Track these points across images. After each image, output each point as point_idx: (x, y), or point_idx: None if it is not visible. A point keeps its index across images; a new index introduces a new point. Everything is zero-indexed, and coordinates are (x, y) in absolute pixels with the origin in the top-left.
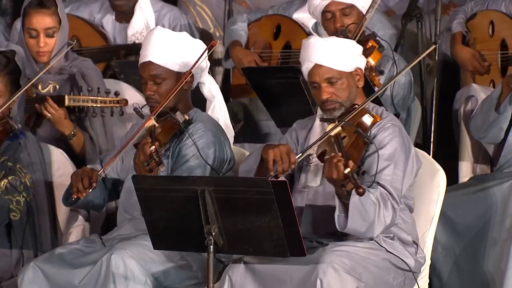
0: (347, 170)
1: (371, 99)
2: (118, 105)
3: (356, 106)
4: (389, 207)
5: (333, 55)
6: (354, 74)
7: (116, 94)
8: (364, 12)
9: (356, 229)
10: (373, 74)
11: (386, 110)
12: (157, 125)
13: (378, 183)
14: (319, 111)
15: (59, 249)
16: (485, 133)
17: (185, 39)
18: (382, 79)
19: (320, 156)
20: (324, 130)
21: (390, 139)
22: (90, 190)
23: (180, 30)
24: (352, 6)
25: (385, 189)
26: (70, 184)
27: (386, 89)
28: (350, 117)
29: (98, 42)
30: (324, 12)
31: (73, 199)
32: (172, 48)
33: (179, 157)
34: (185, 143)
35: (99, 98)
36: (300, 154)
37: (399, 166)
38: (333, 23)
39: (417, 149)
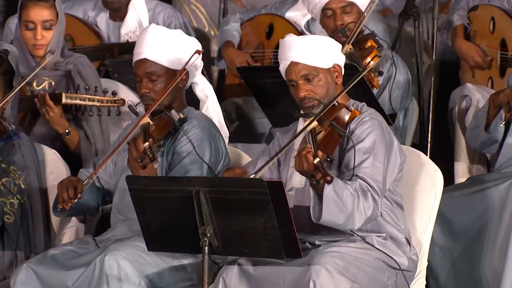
0: (316, 160)
1: (346, 90)
2: (115, 104)
3: (336, 103)
4: (369, 199)
5: (308, 52)
6: (332, 71)
7: (114, 93)
8: (362, 10)
9: (332, 221)
10: (372, 75)
11: (383, 109)
12: (151, 122)
13: (357, 176)
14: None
15: (52, 251)
16: (480, 147)
17: (179, 36)
18: (380, 79)
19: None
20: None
21: (368, 132)
22: (76, 200)
23: (175, 26)
24: (352, 4)
25: (364, 181)
26: (57, 194)
27: (384, 88)
28: (326, 111)
29: (92, 40)
30: (325, 9)
31: (58, 209)
32: (167, 46)
33: (175, 155)
34: (180, 141)
35: (97, 97)
36: (253, 174)
37: (378, 158)
38: (333, 21)
39: (413, 149)
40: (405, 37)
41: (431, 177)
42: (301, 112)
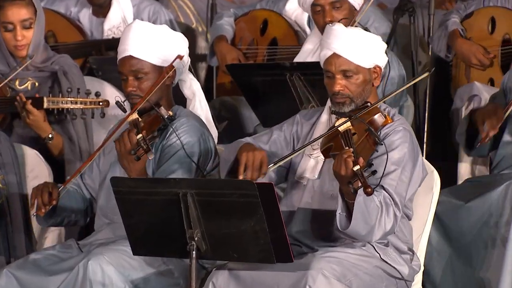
0: (357, 168)
1: (386, 99)
2: (99, 106)
3: (369, 104)
4: (391, 214)
5: (354, 47)
6: (372, 71)
7: (97, 94)
8: (356, 6)
9: (357, 231)
10: None
11: None
12: (140, 118)
13: (383, 187)
14: (328, 104)
15: (33, 255)
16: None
17: (165, 32)
18: None
19: (325, 151)
20: (330, 124)
21: (400, 143)
22: (50, 207)
23: (161, 22)
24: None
25: (389, 194)
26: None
27: (378, 86)
28: (363, 113)
29: (75, 36)
30: (313, 5)
31: (33, 215)
32: (152, 42)
33: (163, 153)
34: (168, 139)
35: (79, 99)
36: (272, 164)
37: (405, 172)
38: (322, 17)
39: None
40: (400, 34)
41: (427, 179)
42: (333, 109)
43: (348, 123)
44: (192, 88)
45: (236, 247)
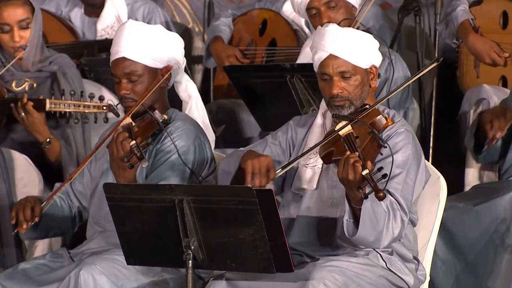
0: (366, 172)
1: (385, 99)
2: (103, 110)
3: (368, 106)
4: (398, 219)
5: (351, 47)
6: (368, 72)
7: (101, 98)
8: (353, 3)
9: (365, 238)
10: None
11: None
12: (134, 123)
13: (388, 191)
14: (321, 108)
15: (23, 264)
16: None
17: (159, 32)
18: (377, 81)
19: (326, 157)
20: (325, 131)
21: (402, 145)
22: (32, 223)
23: (155, 22)
24: None
25: (395, 198)
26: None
27: (382, 89)
28: (363, 116)
29: (66, 37)
30: (308, 9)
31: (13, 233)
32: (146, 42)
33: (156, 158)
34: (163, 143)
35: (83, 103)
36: (280, 169)
37: (410, 175)
38: (318, 20)
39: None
40: (405, 34)
41: (433, 185)
42: (332, 112)
43: (349, 127)
44: (188, 90)
45: (234, 256)
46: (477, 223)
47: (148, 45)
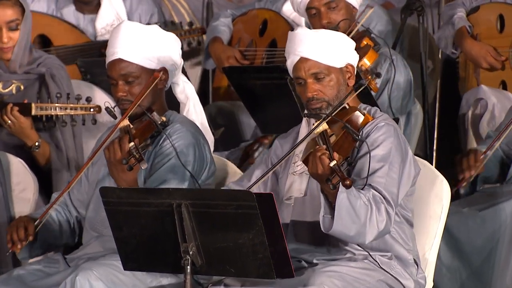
0: (333, 163)
1: (358, 92)
2: (90, 112)
3: (346, 105)
4: (383, 211)
5: (321, 48)
6: (344, 71)
7: (88, 100)
8: (354, 3)
9: (344, 232)
10: (369, 77)
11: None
12: (131, 125)
13: (371, 186)
14: (305, 118)
15: (18, 270)
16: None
17: (155, 32)
18: (378, 82)
19: (306, 161)
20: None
21: (383, 138)
22: (26, 242)
23: (157, 19)
24: None
25: (378, 192)
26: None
27: (383, 91)
28: (337, 112)
29: (77, 39)
30: (308, 8)
31: (7, 253)
32: (142, 43)
33: (155, 161)
34: (161, 145)
35: (69, 105)
36: (251, 186)
37: (394, 168)
38: (318, 20)
39: (416, 157)
40: (408, 34)
41: (437, 189)
42: (307, 112)
43: (325, 125)
44: (186, 91)
45: (234, 262)
46: (482, 228)
47: (144, 45)
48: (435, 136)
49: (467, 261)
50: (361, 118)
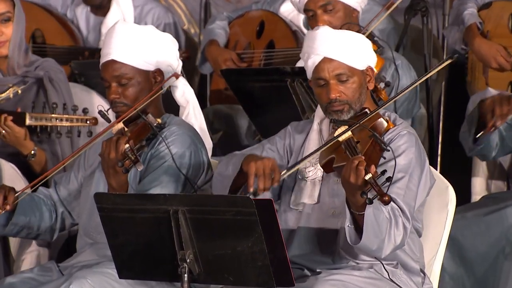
0: (369, 176)
1: (389, 103)
2: (86, 124)
3: (367, 110)
4: (400, 225)
5: (345, 49)
6: (365, 74)
7: (85, 111)
8: (355, 5)
9: (368, 246)
10: (378, 86)
11: None
12: (126, 128)
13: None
14: (317, 115)
15: (9, 279)
16: (470, 153)
17: (151, 32)
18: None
19: (326, 165)
20: (322, 137)
21: (405, 148)
22: (2, 212)
23: (164, 30)
24: (334, 1)
25: (396, 204)
26: None
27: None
28: (364, 120)
29: (65, 40)
30: (305, 10)
31: None
32: (137, 44)
33: (150, 164)
34: (157, 148)
35: (65, 116)
36: (285, 170)
37: (413, 180)
38: (315, 23)
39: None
40: (412, 36)
41: (442, 195)
42: (331, 118)
43: (349, 132)
44: (186, 95)
45: (232, 270)
46: (487, 234)
47: (138, 46)
48: (440, 140)
49: (471, 268)
50: (385, 125)
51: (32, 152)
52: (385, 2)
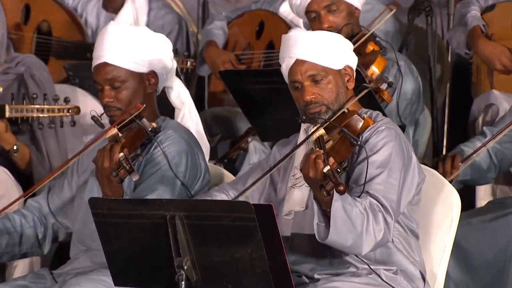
0: (327, 168)
1: (358, 97)
2: (68, 114)
3: (346, 110)
4: (381, 220)
5: (318, 49)
6: (343, 73)
7: (66, 101)
8: (357, 4)
9: (339, 242)
10: (381, 87)
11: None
12: (120, 134)
13: (368, 193)
14: (304, 124)
15: (2, 286)
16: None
17: (143, 33)
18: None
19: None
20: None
21: (384, 143)
22: None
23: (176, 38)
24: (338, 1)
25: (376, 199)
26: None
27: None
28: (336, 118)
29: (72, 34)
30: (307, 12)
31: None
32: (130, 46)
33: (145, 169)
34: (152, 153)
35: (46, 106)
36: (238, 195)
37: (394, 174)
38: (318, 24)
39: (423, 165)
40: (415, 36)
41: (446, 200)
42: (304, 118)
43: (322, 131)
44: (181, 96)
45: (231, 277)
46: (493, 240)
47: (132, 48)
48: (444, 143)
49: (476, 276)
50: (360, 123)
51: (15, 147)
52: (389, 2)
